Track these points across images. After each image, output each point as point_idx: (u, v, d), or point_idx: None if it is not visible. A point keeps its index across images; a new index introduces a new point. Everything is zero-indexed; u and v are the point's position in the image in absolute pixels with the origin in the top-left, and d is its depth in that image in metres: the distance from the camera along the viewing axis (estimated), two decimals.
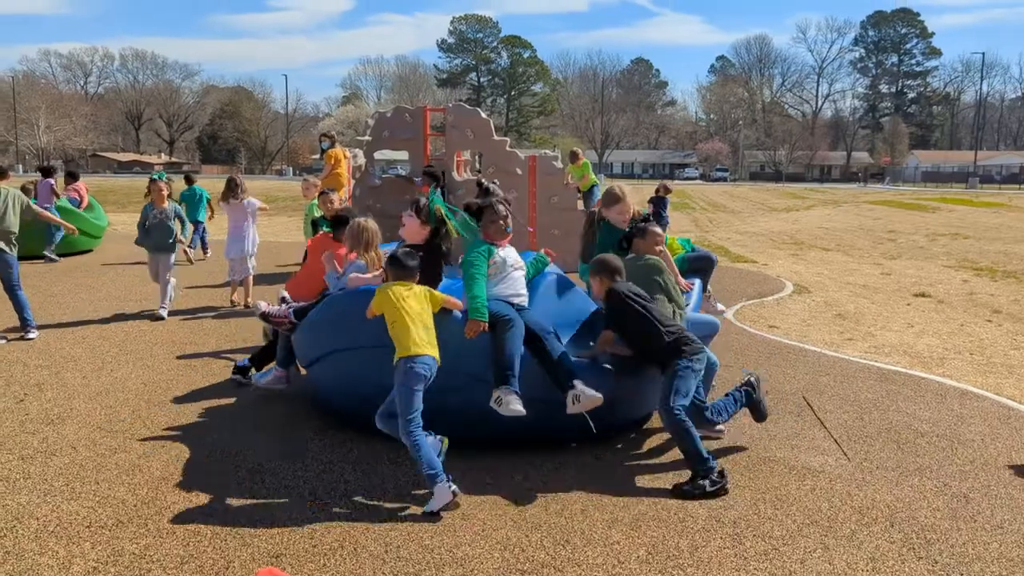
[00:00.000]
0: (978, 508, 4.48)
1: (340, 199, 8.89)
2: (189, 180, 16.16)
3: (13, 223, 8.45)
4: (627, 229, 5.90)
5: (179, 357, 7.67)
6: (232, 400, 6.35)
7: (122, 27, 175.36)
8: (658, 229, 5.81)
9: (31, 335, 8.39)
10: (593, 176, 15.20)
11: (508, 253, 5.35)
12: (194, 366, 7.35)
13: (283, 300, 6.33)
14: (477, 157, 14.90)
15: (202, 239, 15.78)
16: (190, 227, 15.27)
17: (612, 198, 6.13)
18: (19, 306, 8.47)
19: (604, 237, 6.07)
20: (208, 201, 15.72)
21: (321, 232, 7.41)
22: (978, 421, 6.01)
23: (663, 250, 5.90)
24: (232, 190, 10.11)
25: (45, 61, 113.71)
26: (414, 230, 5.39)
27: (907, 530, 4.20)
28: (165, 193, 9.81)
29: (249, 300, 10.20)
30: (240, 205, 10.13)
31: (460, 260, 5.33)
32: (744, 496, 4.59)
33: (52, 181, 15.19)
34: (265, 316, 6.10)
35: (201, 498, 4.48)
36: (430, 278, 5.13)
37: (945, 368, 7.68)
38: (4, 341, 8.21)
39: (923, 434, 5.70)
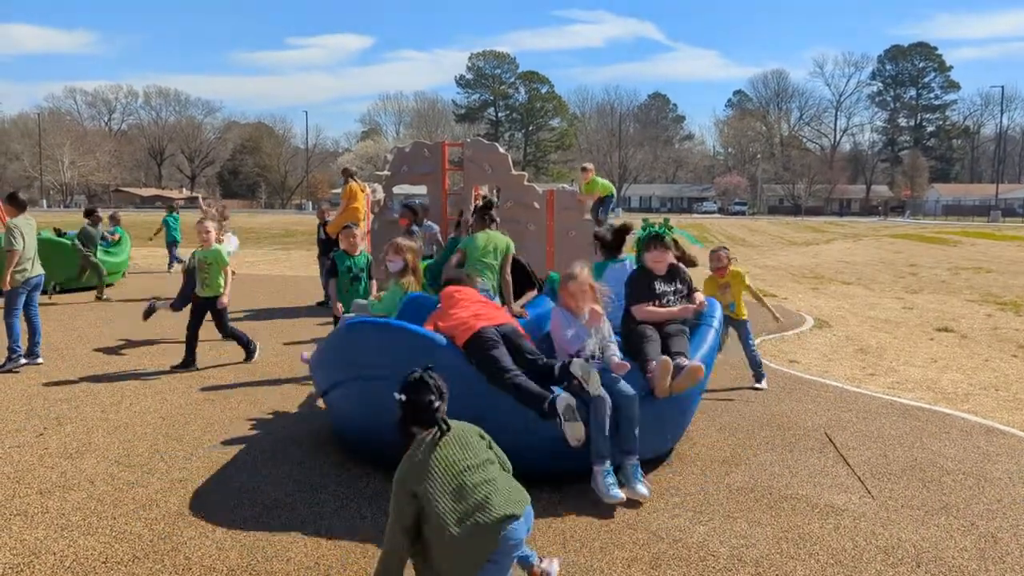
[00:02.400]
0: (1007, 548, 4.38)
1: (361, 234, 8.99)
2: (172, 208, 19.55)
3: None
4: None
5: (197, 391, 7.69)
6: (249, 434, 6.34)
7: (146, 65, 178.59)
8: None
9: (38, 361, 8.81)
10: (605, 185, 14.65)
11: None
12: (212, 400, 7.36)
13: None
14: (495, 191, 14.95)
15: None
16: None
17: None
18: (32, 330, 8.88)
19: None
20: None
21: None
22: (1005, 458, 5.90)
23: None
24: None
25: (71, 98, 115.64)
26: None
27: (934, 571, 4.11)
28: None
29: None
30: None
31: None
32: (766, 535, 4.52)
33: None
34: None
35: (218, 534, 4.45)
36: None
37: (970, 404, 7.56)
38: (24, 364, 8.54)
39: (949, 472, 5.60)
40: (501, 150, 13.90)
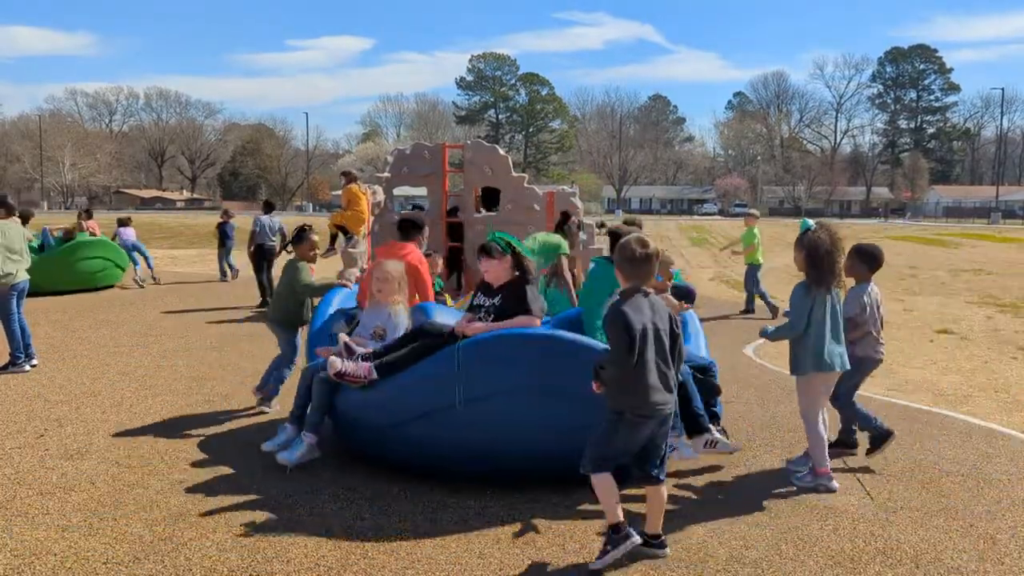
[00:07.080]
0: (1006, 550, 4.38)
1: (359, 236, 8.98)
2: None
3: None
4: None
5: (198, 392, 7.70)
6: (250, 435, 6.34)
7: (146, 66, 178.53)
8: (315, 238, 7.22)
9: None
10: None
11: None
12: (212, 401, 7.37)
13: (348, 349, 5.41)
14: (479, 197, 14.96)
15: None
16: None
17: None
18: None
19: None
20: None
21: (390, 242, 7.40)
22: (1004, 460, 5.90)
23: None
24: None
25: (72, 100, 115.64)
26: (503, 271, 5.35)
27: (933, 572, 4.11)
28: None
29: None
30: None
31: None
32: (765, 536, 4.52)
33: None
34: (341, 376, 5.19)
35: (218, 535, 4.46)
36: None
37: (970, 406, 7.57)
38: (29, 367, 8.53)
39: (948, 473, 5.60)
40: (501, 152, 13.91)
